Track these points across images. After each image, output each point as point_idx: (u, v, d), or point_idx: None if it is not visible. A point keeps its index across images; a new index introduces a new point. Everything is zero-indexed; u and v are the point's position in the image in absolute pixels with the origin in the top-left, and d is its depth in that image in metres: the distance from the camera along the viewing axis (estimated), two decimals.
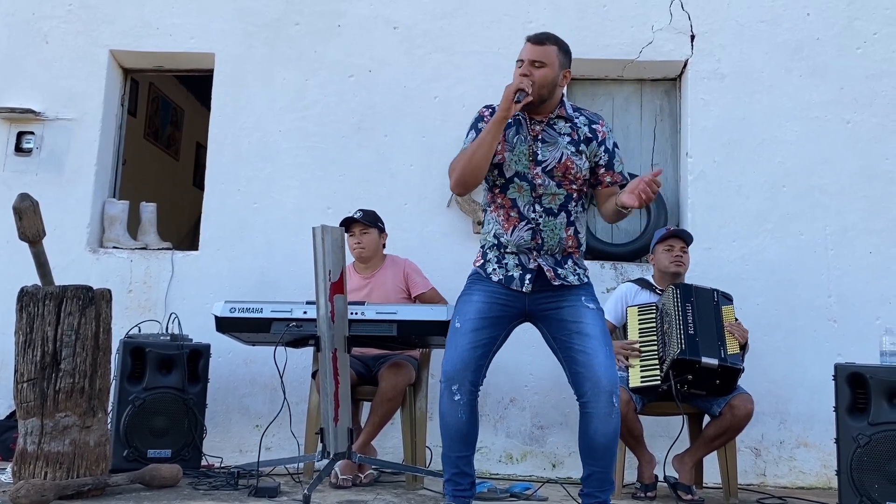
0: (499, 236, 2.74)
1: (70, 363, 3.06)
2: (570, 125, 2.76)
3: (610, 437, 2.61)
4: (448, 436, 2.67)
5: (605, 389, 2.59)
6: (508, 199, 2.72)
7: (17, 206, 3.08)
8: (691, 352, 3.39)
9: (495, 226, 2.75)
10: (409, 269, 3.97)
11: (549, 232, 2.70)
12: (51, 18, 4.74)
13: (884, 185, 4.36)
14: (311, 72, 4.64)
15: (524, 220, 2.70)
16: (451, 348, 2.67)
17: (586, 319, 2.66)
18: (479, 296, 2.72)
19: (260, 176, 4.56)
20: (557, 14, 4.59)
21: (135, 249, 4.56)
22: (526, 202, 2.70)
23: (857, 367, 3.19)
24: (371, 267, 3.96)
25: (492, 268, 2.74)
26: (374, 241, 3.94)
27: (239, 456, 4.21)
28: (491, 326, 2.68)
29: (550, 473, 4.19)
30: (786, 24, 4.52)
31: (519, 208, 2.71)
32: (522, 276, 2.70)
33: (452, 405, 2.63)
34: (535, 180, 2.69)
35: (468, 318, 2.69)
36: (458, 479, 2.69)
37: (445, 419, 2.66)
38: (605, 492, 2.66)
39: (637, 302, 3.77)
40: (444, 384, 2.65)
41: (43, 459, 3.01)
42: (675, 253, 3.74)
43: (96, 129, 4.64)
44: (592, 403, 2.61)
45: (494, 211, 2.76)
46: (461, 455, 2.68)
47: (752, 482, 4.12)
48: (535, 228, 2.69)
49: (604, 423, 2.60)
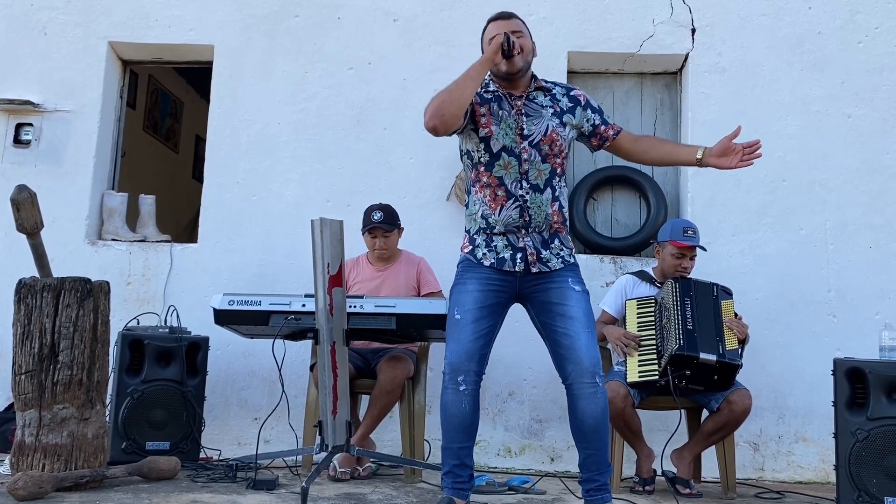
0: (486, 217, 2.73)
1: (68, 355, 3.06)
2: (550, 97, 2.79)
3: (598, 417, 2.63)
4: (451, 426, 2.68)
5: (587, 370, 2.61)
6: (495, 178, 2.72)
7: (15, 198, 3.07)
8: (689, 347, 3.38)
9: (482, 206, 2.74)
10: (423, 268, 3.98)
11: (535, 209, 2.71)
12: (49, 10, 4.72)
13: (884, 180, 4.35)
14: (310, 64, 4.62)
15: (511, 197, 2.70)
16: (453, 340, 2.67)
17: (570, 302, 2.68)
18: (474, 284, 2.72)
19: (259, 168, 4.55)
20: (558, 7, 4.57)
21: (133, 242, 4.55)
22: (513, 179, 2.70)
23: (856, 361, 3.19)
24: (387, 261, 3.96)
25: (482, 252, 2.74)
26: (395, 241, 3.95)
27: (237, 448, 4.21)
28: (490, 315, 2.70)
29: (549, 467, 4.19)
30: (787, 17, 4.51)
31: (506, 186, 2.71)
32: (513, 255, 2.71)
33: (457, 395, 2.64)
34: (523, 154, 2.70)
35: (467, 308, 2.69)
36: (458, 470, 2.69)
37: (449, 410, 2.66)
38: (602, 474, 2.67)
39: (636, 295, 3.76)
40: (448, 376, 2.66)
41: (41, 451, 3.01)
42: (683, 263, 3.69)
43: (95, 120, 4.63)
44: (576, 385, 2.63)
45: (480, 191, 2.75)
46: (463, 446, 2.69)
47: (750, 477, 4.12)
48: (522, 206, 2.70)
49: (589, 403, 2.62)
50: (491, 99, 2.75)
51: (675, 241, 3.69)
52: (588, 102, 2.85)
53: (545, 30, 4.54)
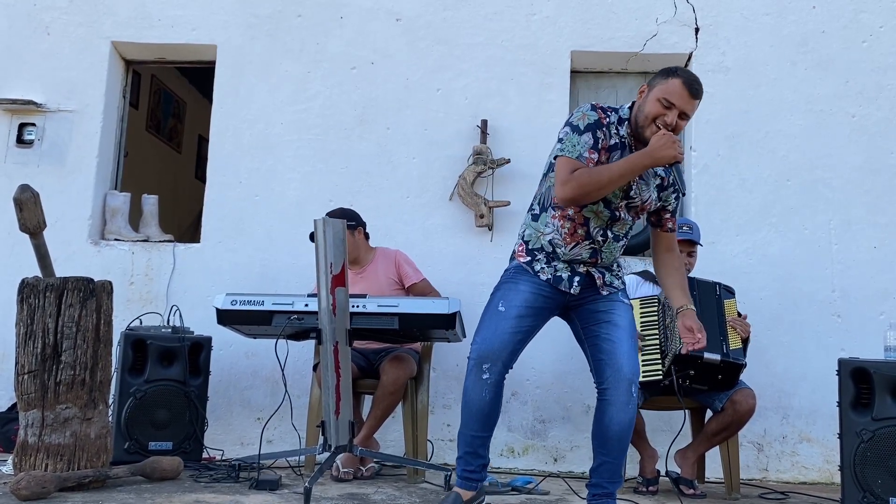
0: (556, 246, 2.68)
1: (71, 355, 3.05)
2: (666, 170, 2.67)
3: (625, 426, 2.60)
4: (468, 413, 2.64)
5: (625, 377, 2.58)
6: (582, 217, 2.65)
7: (18, 198, 3.07)
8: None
9: (555, 234, 2.67)
10: (400, 260, 3.96)
11: (608, 253, 2.70)
12: (52, 9, 4.72)
13: (888, 179, 4.34)
14: (313, 64, 4.62)
15: (589, 239, 2.66)
16: (488, 328, 2.62)
17: (617, 311, 2.67)
18: (527, 286, 2.67)
19: (262, 168, 4.55)
20: (561, 6, 4.56)
21: (136, 241, 4.55)
22: (598, 226, 2.66)
23: (860, 361, 3.17)
24: (360, 262, 3.95)
25: (540, 267, 2.69)
26: (360, 242, 3.92)
27: (240, 449, 4.21)
28: (534, 316, 2.66)
29: (552, 467, 4.18)
30: (791, 16, 4.49)
31: (588, 228, 2.65)
32: (571, 277, 2.68)
33: (479, 383, 2.60)
34: (617, 212, 2.65)
35: (514, 304, 2.64)
36: (469, 458, 2.67)
37: (468, 395, 2.62)
38: (613, 483, 2.65)
39: (639, 294, 3.75)
40: (473, 361, 2.61)
41: (44, 451, 3.00)
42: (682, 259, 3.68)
43: (98, 120, 4.63)
44: (611, 390, 2.59)
45: (559, 219, 2.67)
46: (477, 435, 2.66)
47: (754, 477, 4.11)
48: (596, 249, 2.67)
49: (620, 412, 2.59)
50: (618, 145, 2.63)
51: None
52: (676, 187, 2.69)
53: (548, 29, 4.53)
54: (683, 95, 2.52)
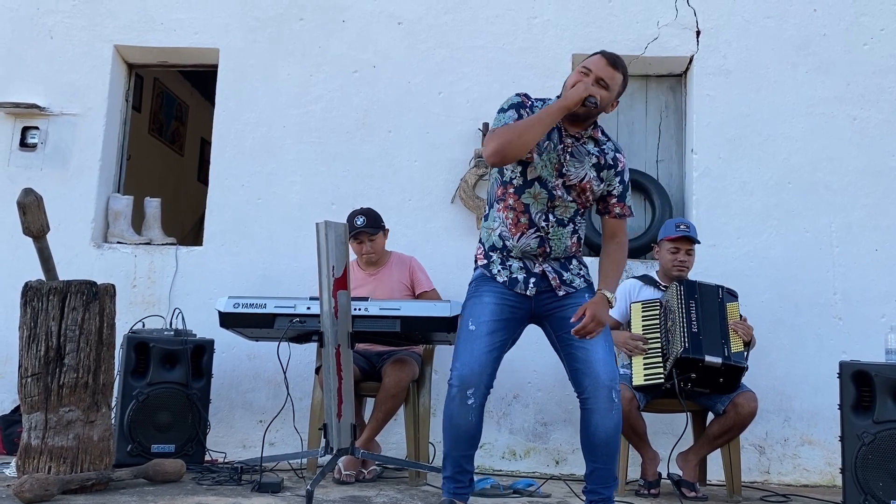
0: (504, 239, 2.71)
1: (74, 358, 3.06)
2: (599, 149, 2.73)
3: (611, 432, 2.61)
4: (455, 437, 2.66)
5: (604, 385, 2.59)
6: (522, 203, 2.68)
7: (21, 201, 3.08)
8: (695, 350, 3.38)
9: (501, 227, 2.72)
10: (414, 267, 3.98)
11: (556, 241, 2.70)
12: (55, 13, 4.74)
13: (889, 182, 4.34)
14: (314, 67, 4.63)
15: (533, 227, 2.68)
16: (465, 352, 2.64)
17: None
18: (490, 297, 2.69)
19: (264, 171, 4.56)
20: (562, 9, 4.57)
21: (139, 244, 4.56)
22: (539, 210, 2.68)
23: (862, 364, 3.18)
24: (377, 264, 3.96)
25: (496, 269, 2.72)
26: (381, 244, 3.94)
27: (242, 451, 4.21)
28: (504, 329, 2.68)
29: (554, 470, 4.19)
30: (792, 19, 4.50)
31: (530, 215, 2.68)
32: (527, 279, 2.70)
33: (464, 408, 2.62)
34: (555, 191, 2.67)
35: (483, 320, 2.66)
36: (459, 476, 2.69)
37: (454, 421, 2.63)
38: (608, 488, 2.66)
39: (641, 298, 3.75)
40: (456, 388, 2.62)
41: (47, 454, 3.01)
42: (679, 257, 3.70)
43: (101, 124, 4.64)
44: (592, 399, 2.61)
45: (503, 211, 2.72)
46: (466, 454, 2.69)
47: (755, 480, 4.11)
48: (543, 237, 2.68)
49: (604, 419, 2.60)
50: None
51: (668, 236, 3.73)
52: (622, 172, 2.75)
53: (549, 32, 4.54)
54: (599, 63, 2.65)
